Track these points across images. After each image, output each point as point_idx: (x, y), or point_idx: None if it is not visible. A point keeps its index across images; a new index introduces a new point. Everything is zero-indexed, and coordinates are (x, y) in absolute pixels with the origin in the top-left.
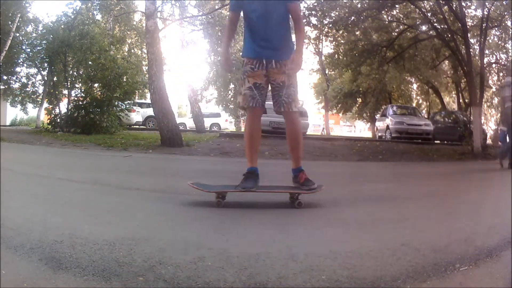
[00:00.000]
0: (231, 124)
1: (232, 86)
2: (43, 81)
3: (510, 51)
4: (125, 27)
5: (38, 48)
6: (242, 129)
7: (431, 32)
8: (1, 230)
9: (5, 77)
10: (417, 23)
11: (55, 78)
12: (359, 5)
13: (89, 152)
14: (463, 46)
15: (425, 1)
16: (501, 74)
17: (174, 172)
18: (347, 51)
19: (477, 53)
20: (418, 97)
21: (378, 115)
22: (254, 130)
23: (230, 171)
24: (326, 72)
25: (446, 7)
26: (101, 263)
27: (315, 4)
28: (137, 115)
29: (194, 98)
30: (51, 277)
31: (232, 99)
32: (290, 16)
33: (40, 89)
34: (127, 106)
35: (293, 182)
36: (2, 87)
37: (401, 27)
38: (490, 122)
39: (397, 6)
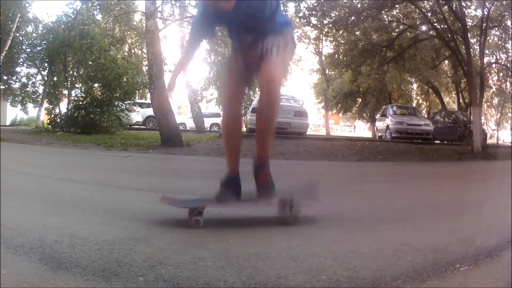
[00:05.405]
0: None
1: None
2: (43, 81)
3: (510, 51)
4: (125, 27)
5: (38, 48)
6: (244, 129)
7: (431, 32)
8: (1, 230)
9: (5, 77)
10: (417, 23)
11: (55, 78)
12: (359, 5)
13: (89, 152)
14: (463, 46)
15: (425, 1)
16: (501, 74)
17: (174, 172)
18: (347, 51)
19: (477, 53)
20: (418, 97)
21: (378, 115)
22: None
23: None
24: (326, 72)
25: (446, 7)
26: (101, 263)
27: (315, 4)
28: (137, 115)
29: (194, 98)
30: (51, 277)
31: None
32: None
33: (40, 89)
34: (127, 106)
35: (254, 177)
36: (2, 87)
37: (401, 27)
38: (490, 122)
39: (397, 6)
